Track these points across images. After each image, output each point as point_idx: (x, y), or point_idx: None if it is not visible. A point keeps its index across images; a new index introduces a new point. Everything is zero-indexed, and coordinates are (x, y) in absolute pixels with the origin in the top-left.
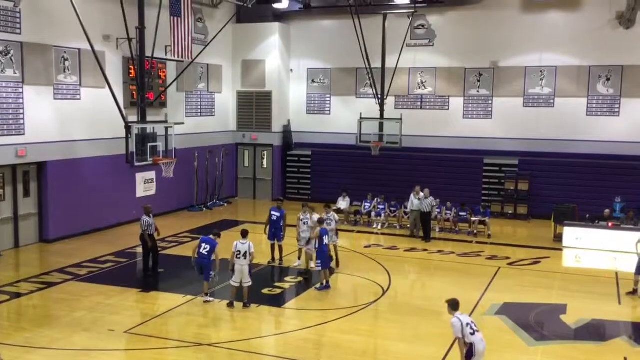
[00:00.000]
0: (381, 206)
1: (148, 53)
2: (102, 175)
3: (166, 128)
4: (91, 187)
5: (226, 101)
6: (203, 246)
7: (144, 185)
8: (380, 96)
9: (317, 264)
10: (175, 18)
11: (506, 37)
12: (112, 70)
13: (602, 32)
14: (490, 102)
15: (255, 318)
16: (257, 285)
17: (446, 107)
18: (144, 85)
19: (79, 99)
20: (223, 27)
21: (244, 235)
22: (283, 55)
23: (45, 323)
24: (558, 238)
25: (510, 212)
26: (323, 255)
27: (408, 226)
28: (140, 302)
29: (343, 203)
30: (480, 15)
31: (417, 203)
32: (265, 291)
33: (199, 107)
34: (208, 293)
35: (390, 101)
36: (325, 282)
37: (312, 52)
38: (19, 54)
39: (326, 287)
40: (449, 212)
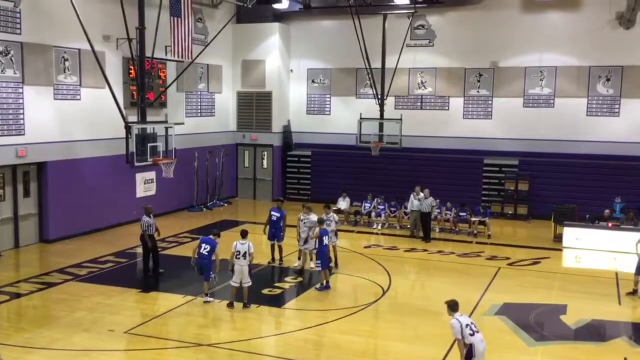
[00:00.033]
0: (381, 206)
1: (148, 53)
2: (102, 175)
3: (166, 128)
4: (91, 187)
5: (226, 101)
6: (203, 246)
7: (144, 185)
8: (380, 96)
9: (317, 264)
10: (175, 18)
11: (506, 38)
12: (112, 70)
13: (602, 33)
14: (490, 103)
15: (255, 318)
16: (257, 285)
17: (446, 108)
18: (144, 85)
19: (79, 99)
20: (223, 27)
21: (244, 235)
22: (283, 55)
23: (45, 323)
24: (558, 238)
25: (510, 213)
26: (323, 255)
27: (408, 226)
28: (140, 303)
29: (343, 203)
30: (480, 15)
31: (417, 203)
32: (265, 291)
33: (199, 107)
34: (208, 293)
35: (390, 101)
36: (325, 283)
37: (312, 53)
38: (19, 54)
39: (326, 288)
40: (449, 213)
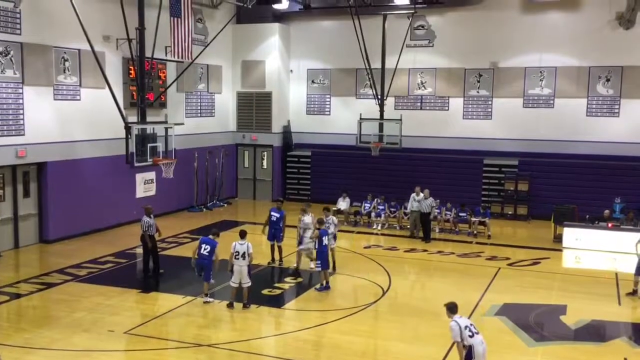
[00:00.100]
0: (381, 207)
1: (148, 54)
2: (102, 175)
3: (166, 128)
4: (91, 188)
5: (226, 102)
6: (203, 247)
7: (144, 185)
8: (380, 97)
9: (317, 265)
10: (175, 19)
11: (506, 38)
12: (112, 70)
13: (602, 33)
14: (490, 103)
15: (255, 319)
16: (257, 285)
17: (446, 108)
18: (144, 85)
19: (79, 100)
20: (223, 28)
21: (243, 235)
22: (283, 55)
23: (45, 324)
24: (558, 239)
25: (510, 213)
26: (323, 255)
27: (408, 227)
28: (140, 303)
29: (343, 204)
30: (480, 15)
31: (417, 204)
32: (265, 292)
33: (199, 108)
34: (208, 294)
35: (390, 102)
36: (325, 283)
37: (312, 53)
38: (19, 55)
39: (326, 288)
40: (449, 213)
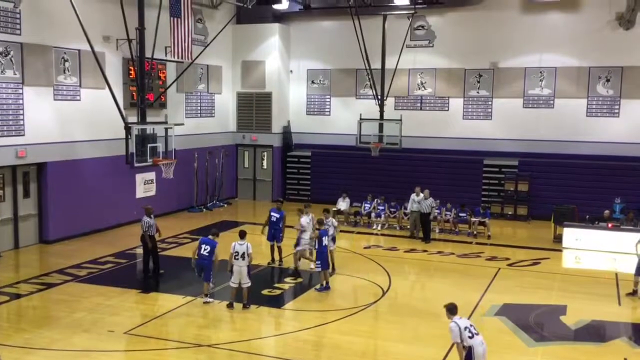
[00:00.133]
0: (381, 207)
1: (148, 54)
2: (102, 176)
3: (166, 129)
4: (91, 188)
5: (226, 102)
6: (203, 247)
7: (144, 186)
8: (380, 97)
9: (317, 265)
10: (175, 19)
11: (506, 38)
12: (112, 71)
13: (602, 33)
14: (490, 103)
15: (254, 319)
16: (257, 286)
17: (446, 108)
18: (144, 86)
19: (79, 100)
20: (223, 28)
21: (242, 236)
22: (283, 56)
23: (45, 324)
24: (558, 239)
25: (510, 213)
26: (322, 256)
27: (408, 227)
28: (140, 303)
29: (343, 204)
30: (480, 16)
31: (417, 204)
32: (264, 292)
33: (199, 108)
34: (208, 294)
35: (390, 102)
36: (324, 283)
37: (312, 53)
38: (19, 55)
39: (326, 288)
40: (449, 213)
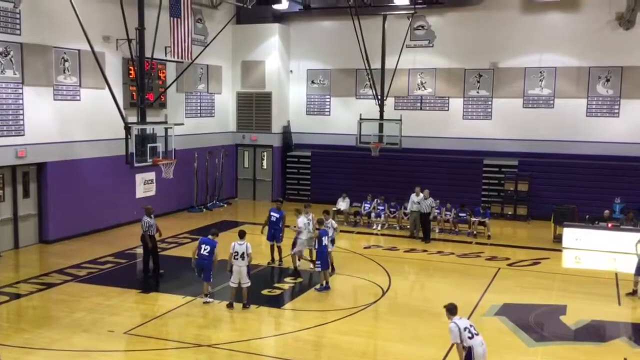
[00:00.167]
0: (381, 207)
1: (148, 54)
2: (102, 176)
3: (166, 129)
4: (91, 188)
5: (226, 102)
6: (203, 247)
7: (144, 186)
8: (380, 97)
9: (317, 265)
10: (174, 19)
11: (506, 38)
12: (112, 71)
13: (602, 33)
14: (490, 103)
15: (254, 319)
16: (257, 286)
17: (446, 108)
18: (144, 86)
19: (79, 100)
20: (223, 28)
21: (242, 236)
22: (283, 56)
23: (44, 324)
24: (558, 239)
25: (509, 213)
26: (322, 256)
27: (408, 227)
28: (139, 303)
29: (343, 204)
30: (479, 16)
31: (417, 204)
32: (264, 292)
33: (199, 108)
34: (208, 294)
35: (389, 102)
36: (324, 283)
37: (312, 53)
38: (19, 55)
39: (326, 288)
40: (449, 213)
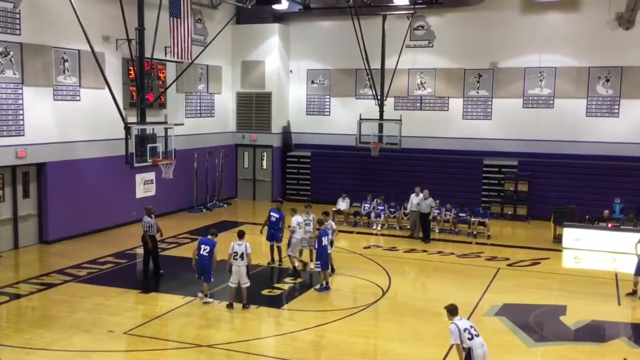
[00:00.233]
0: (381, 207)
1: (147, 54)
2: (102, 176)
3: (166, 129)
4: (91, 188)
5: (226, 102)
6: (203, 247)
7: (144, 186)
8: (379, 97)
9: (317, 265)
10: (174, 19)
11: (505, 38)
12: (112, 71)
13: (602, 33)
14: (489, 103)
15: (254, 319)
16: (257, 286)
17: (445, 108)
18: (144, 86)
19: (79, 100)
20: (222, 28)
21: (241, 236)
22: (282, 56)
23: (44, 324)
24: (557, 239)
25: (509, 213)
26: (322, 256)
27: (408, 227)
28: (139, 303)
29: (342, 204)
30: (479, 16)
31: (417, 204)
32: (264, 292)
33: (199, 108)
34: (207, 294)
35: (389, 102)
36: (324, 283)
37: (312, 53)
38: (19, 55)
39: (325, 288)
40: (449, 213)
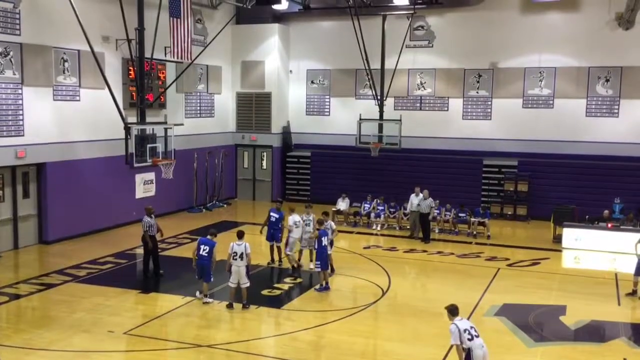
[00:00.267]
0: (380, 207)
1: (147, 54)
2: (102, 176)
3: (165, 129)
4: (90, 188)
5: (225, 102)
6: (202, 248)
7: (144, 186)
8: (379, 97)
9: (317, 265)
10: (174, 19)
11: (505, 38)
12: (112, 71)
13: (601, 33)
14: (489, 103)
15: (254, 319)
16: (257, 286)
17: (445, 108)
18: (144, 86)
19: (79, 100)
20: (222, 28)
21: (240, 236)
22: (282, 56)
23: (44, 324)
24: (557, 239)
25: (509, 213)
26: (322, 256)
27: (407, 227)
28: (139, 303)
29: (342, 204)
30: (479, 16)
31: (417, 204)
32: (264, 292)
33: (199, 108)
34: (207, 294)
35: (389, 102)
36: (324, 283)
37: (312, 53)
38: (19, 55)
39: (325, 288)
40: (449, 213)
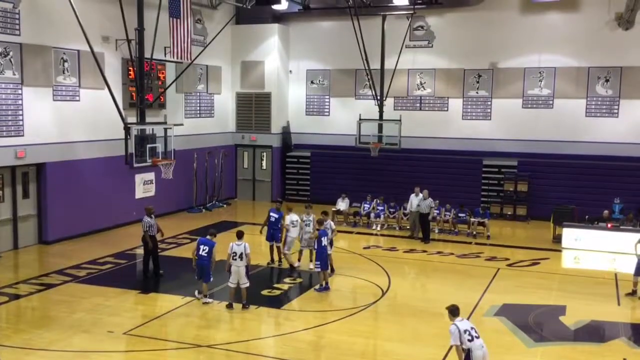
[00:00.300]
0: (380, 207)
1: (147, 54)
2: (101, 176)
3: (165, 129)
4: (90, 189)
5: (225, 102)
6: (202, 248)
7: (143, 186)
8: (379, 97)
9: (316, 265)
10: (174, 19)
11: (505, 39)
12: (111, 71)
13: (601, 33)
14: (489, 103)
15: (254, 319)
16: (257, 286)
17: (445, 108)
18: (143, 86)
19: (78, 100)
20: (222, 29)
21: (240, 236)
22: (282, 56)
23: (44, 324)
24: (557, 239)
25: (509, 213)
26: (322, 256)
27: (407, 227)
28: (139, 304)
29: (342, 204)
30: (479, 16)
31: (416, 204)
32: (264, 292)
33: (198, 108)
34: (206, 294)
35: (389, 102)
36: (324, 284)
37: (311, 54)
38: (18, 55)
39: (325, 289)
40: (448, 213)
